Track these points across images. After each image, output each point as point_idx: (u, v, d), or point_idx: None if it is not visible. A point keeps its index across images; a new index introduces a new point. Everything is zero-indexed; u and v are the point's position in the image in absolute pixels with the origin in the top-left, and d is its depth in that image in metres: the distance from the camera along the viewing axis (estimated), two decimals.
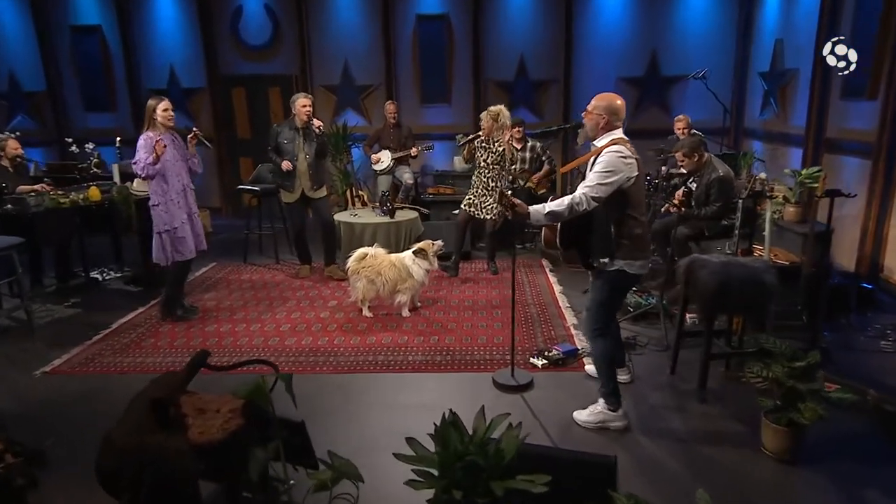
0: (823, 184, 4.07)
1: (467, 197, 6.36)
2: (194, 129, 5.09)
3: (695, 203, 4.90)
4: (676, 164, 6.17)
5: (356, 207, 7.79)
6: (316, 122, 6.00)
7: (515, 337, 4.70)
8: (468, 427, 2.35)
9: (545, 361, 4.24)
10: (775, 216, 4.65)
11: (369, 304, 5.25)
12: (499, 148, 6.10)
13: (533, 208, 3.18)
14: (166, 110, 4.89)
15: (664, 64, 8.50)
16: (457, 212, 7.44)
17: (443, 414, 2.36)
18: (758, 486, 2.94)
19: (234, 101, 9.11)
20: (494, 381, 4.01)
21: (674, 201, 4.84)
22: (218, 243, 7.60)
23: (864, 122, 5.65)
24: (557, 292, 5.77)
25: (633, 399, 3.78)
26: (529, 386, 3.97)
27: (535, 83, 8.74)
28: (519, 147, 7.37)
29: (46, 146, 9.20)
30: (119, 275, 6.51)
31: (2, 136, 6.03)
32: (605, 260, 3.32)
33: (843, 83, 5.88)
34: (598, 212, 3.19)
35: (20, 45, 9.10)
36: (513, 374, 4.02)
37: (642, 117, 8.68)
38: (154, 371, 4.25)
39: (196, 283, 6.17)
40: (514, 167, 7.33)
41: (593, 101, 3.39)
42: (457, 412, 2.46)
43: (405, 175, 7.66)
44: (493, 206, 6.20)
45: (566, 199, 3.13)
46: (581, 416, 3.52)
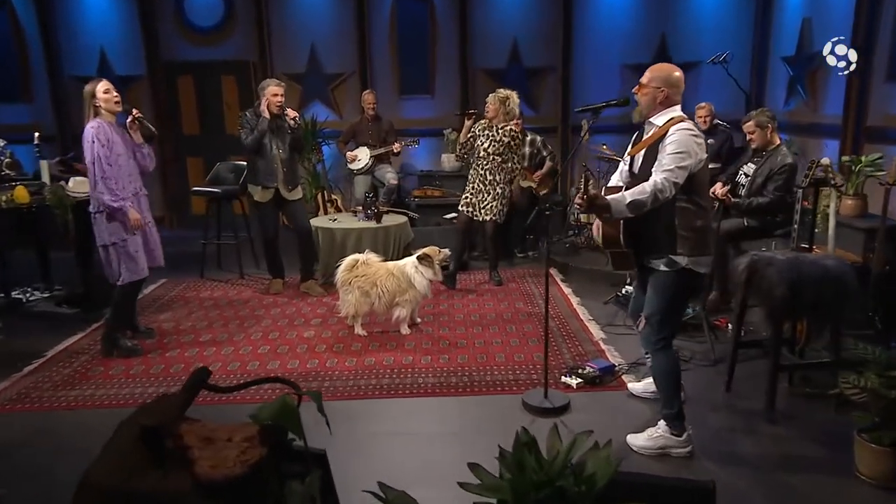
0: None
1: (464, 196, 6.26)
2: (133, 110, 4.74)
3: (746, 191, 4.87)
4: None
5: (332, 213, 7.61)
6: (290, 112, 5.84)
7: (541, 354, 4.64)
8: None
9: (580, 380, 4.13)
10: (829, 211, 4.66)
11: (362, 320, 5.08)
12: (503, 138, 6.03)
13: (612, 198, 3.07)
14: (108, 91, 4.52)
15: (674, 49, 8.60)
16: (449, 216, 7.38)
17: (516, 433, 2.21)
18: None
19: (180, 91, 8.87)
20: (525, 404, 3.89)
21: (714, 193, 4.79)
22: (166, 257, 7.29)
23: None
24: (575, 304, 5.69)
25: (690, 421, 3.65)
26: (566, 408, 3.85)
27: (530, 71, 8.75)
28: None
29: None
30: (46, 295, 6.18)
31: None
32: (668, 258, 3.24)
33: (890, 64, 6.00)
34: None
35: None
36: (546, 396, 3.90)
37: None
38: (111, 406, 4.01)
39: (146, 303, 5.88)
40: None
41: (648, 73, 3.34)
42: (488, 439, 2.31)
43: (388, 175, 7.53)
44: (492, 205, 6.12)
45: (647, 186, 3.04)
46: (637, 440, 3.41)
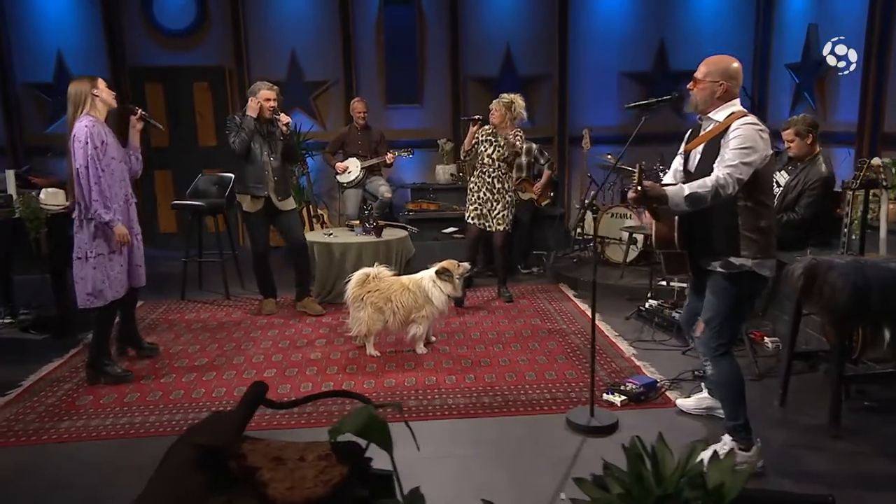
0: None
1: (472, 207, 6.21)
2: (136, 108, 4.63)
3: (777, 203, 4.90)
4: None
5: (318, 229, 7.47)
6: (284, 117, 5.75)
7: (573, 372, 4.60)
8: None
9: (624, 398, 4.08)
10: (870, 217, 4.71)
11: (374, 339, 4.97)
12: (509, 145, 6.02)
13: (670, 191, 3.05)
14: (106, 84, 4.49)
15: (673, 56, 8.76)
16: (448, 230, 7.33)
17: (631, 439, 2.14)
18: None
19: (148, 99, 8.64)
20: (571, 423, 3.82)
21: None
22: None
23: None
24: (596, 320, 5.65)
25: None
26: (615, 427, 3.79)
27: (524, 79, 8.79)
28: None
29: None
30: (9, 320, 5.91)
31: None
32: (727, 260, 3.24)
33: None
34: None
35: None
36: (592, 414, 3.83)
37: (650, 119, 8.82)
38: (109, 437, 3.82)
39: None
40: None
41: (702, 66, 3.36)
42: (537, 459, 2.24)
43: (381, 188, 7.43)
44: (503, 214, 6.10)
45: (709, 181, 3.03)
46: (703, 457, 3.36)
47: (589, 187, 7.58)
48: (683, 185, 3.12)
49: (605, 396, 4.13)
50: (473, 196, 6.22)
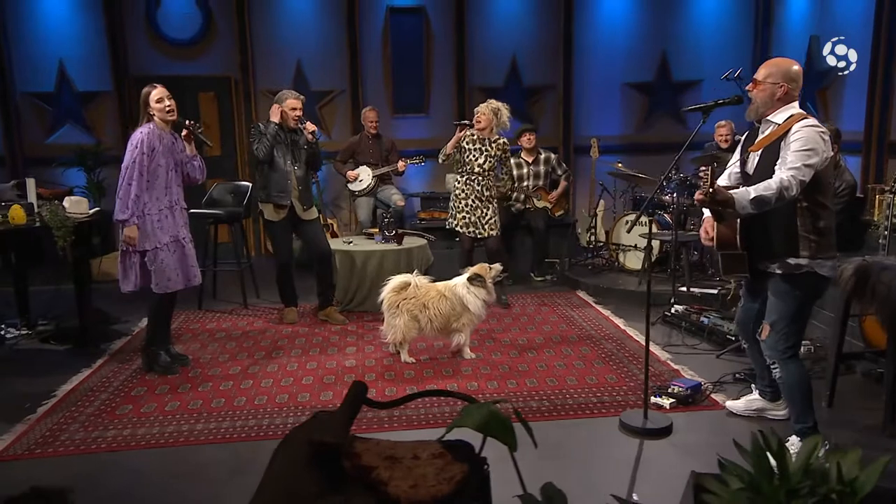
0: None
1: (460, 216, 6.10)
2: (187, 121, 4.63)
3: None
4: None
5: (330, 238, 7.37)
6: (309, 125, 5.69)
7: (613, 376, 4.58)
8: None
9: (672, 400, 4.07)
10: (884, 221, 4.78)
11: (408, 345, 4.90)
12: (496, 152, 6.03)
13: (736, 193, 3.05)
14: (161, 100, 4.57)
15: (675, 67, 8.85)
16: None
17: (753, 435, 2.11)
18: None
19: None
20: (625, 425, 3.80)
21: None
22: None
23: None
24: (622, 325, 5.65)
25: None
26: (670, 429, 3.77)
27: (529, 90, 8.82)
28: (531, 159, 7.33)
29: None
30: (26, 331, 5.74)
31: None
32: (785, 262, 3.25)
33: None
34: None
35: None
36: (646, 416, 3.81)
37: (654, 128, 8.94)
38: (159, 445, 3.74)
39: None
40: (525, 184, 7.26)
41: (762, 69, 3.38)
42: (599, 461, 2.21)
43: (393, 196, 7.38)
44: (494, 220, 6.10)
45: (772, 183, 3.04)
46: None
47: (600, 196, 7.59)
48: (748, 188, 3.12)
49: (654, 399, 4.11)
50: (461, 204, 6.10)
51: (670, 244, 6.48)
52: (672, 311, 5.60)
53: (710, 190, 3.01)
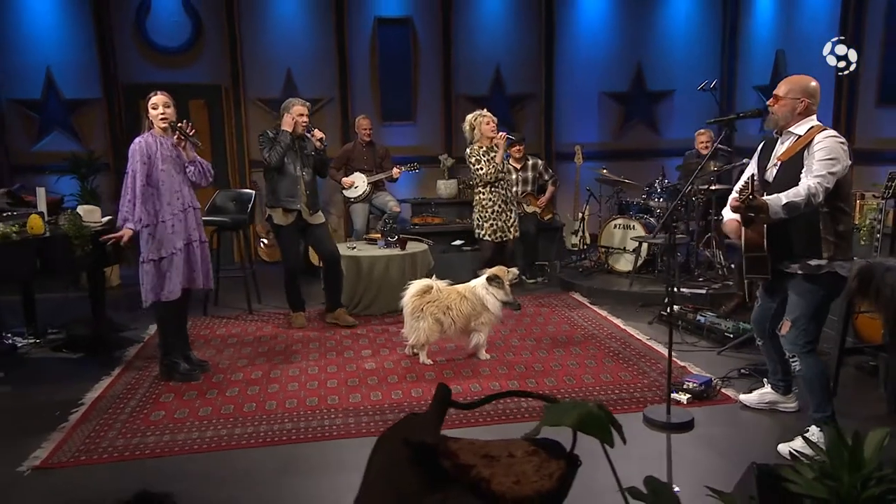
0: None
1: (487, 224, 6.20)
2: (178, 124, 4.50)
3: None
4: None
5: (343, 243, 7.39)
6: (317, 132, 5.73)
7: (626, 374, 4.71)
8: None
9: (689, 396, 4.22)
10: (876, 224, 5.02)
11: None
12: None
13: (770, 199, 3.21)
14: (155, 107, 4.48)
15: (650, 78, 9.08)
16: (457, 243, 7.37)
17: (831, 426, 2.24)
18: None
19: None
20: (648, 420, 3.93)
21: None
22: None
23: None
24: (621, 324, 5.81)
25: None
26: (692, 423, 3.92)
27: (513, 98, 8.95)
28: (519, 166, 7.46)
29: None
30: (35, 340, 5.63)
31: None
32: (805, 262, 3.43)
33: (879, 89, 6.63)
34: None
35: None
36: (669, 411, 3.95)
37: (629, 136, 9.17)
38: (202, 450, 3.74)
39: None
40: (514, 190, 7.38)
41: (783, 85, 3.54)
42: (624, 456, 2.32)
43: (390, 202, 7.43)
44: (515, 222, 6.36)
45: (801, 190, 3.21)
46: (793, 448, 3.50)
47: (587, 201, 7.77)
48: (780, 194, 3.29)
49: (673, 395, 4.25)
50: (487, 213, 6.20)
51: (658, 247, 6.71)
52: (667, 310, 5.77)
53: (750, 196, 3.17)
